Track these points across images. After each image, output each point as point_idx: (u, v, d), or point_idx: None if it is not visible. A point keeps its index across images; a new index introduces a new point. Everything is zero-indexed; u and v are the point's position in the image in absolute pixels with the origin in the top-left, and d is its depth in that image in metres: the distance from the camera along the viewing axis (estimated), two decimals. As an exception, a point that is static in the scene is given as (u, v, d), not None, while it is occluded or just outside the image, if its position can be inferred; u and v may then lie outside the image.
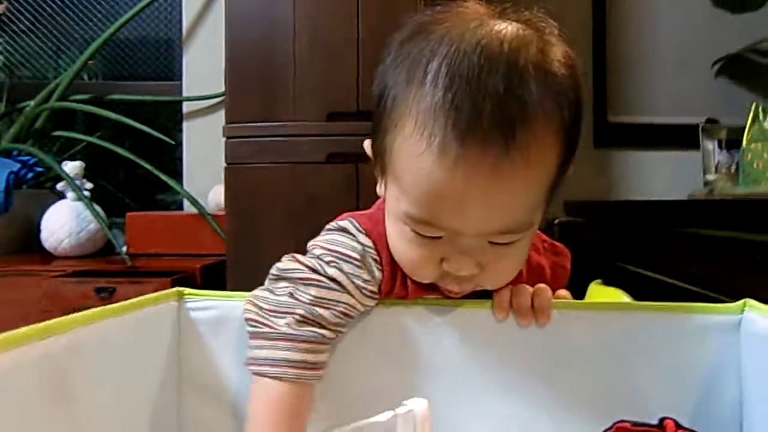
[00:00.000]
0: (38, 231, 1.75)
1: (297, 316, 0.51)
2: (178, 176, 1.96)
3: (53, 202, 1.78)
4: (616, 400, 0.54)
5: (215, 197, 1.80)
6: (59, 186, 1.75)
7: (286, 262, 0.55)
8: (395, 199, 0.50)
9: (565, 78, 0.47)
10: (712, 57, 1.98)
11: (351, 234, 0.56)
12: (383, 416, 0.39)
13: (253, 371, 0.51)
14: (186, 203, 1.89)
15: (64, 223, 1.71)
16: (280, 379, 0.50)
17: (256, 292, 0.55)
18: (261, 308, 0.53)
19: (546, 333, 0.56)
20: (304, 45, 1.50)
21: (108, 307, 0.51)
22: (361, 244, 0.55)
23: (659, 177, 1.95)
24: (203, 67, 1.91)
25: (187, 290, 0.60)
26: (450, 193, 0.46)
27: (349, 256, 0.54)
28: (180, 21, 1.95)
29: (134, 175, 2.15)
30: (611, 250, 1.38)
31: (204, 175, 1.89)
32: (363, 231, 0.56)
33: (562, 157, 0.49)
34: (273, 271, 0.55)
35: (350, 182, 1.49)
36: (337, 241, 0.56)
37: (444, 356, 0.57)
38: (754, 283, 0.56)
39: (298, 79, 1.50)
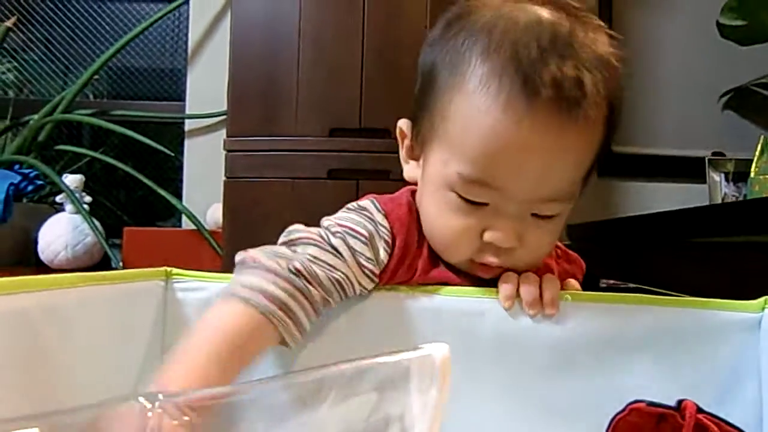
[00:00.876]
0: (36, 243, 1.73)
1: (291, 266, 0.48)
2: (178, 196, 1.95)
3: (52, 215, 1.76)
4: (627, 396, 0.50)
5: (214, 214, 1.79)
6: (58, 198, 1.74)
7: (290, 228, 0.54)
8: (443, 165, 0.51)
9: (613, 56, 0.50)
10: (719, 89, 1.98)
11: (368, 213, 0.55)
12: (392, 357, 0.34)
13: (220, 295, 0.48)
14: (184, 222, 1.87)
15: (61, 234, 1.69)
16: (247, 302, 0.45)
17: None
18: (256, 252, 0.50)
19: (553, 324, 0.53)
20: (308, 60, 1.50)
21: (91, 273, 0.50)
22: (376, 223, 0.54)
23: (664, 208, 1.92)
24: (206, 87, 1.92)
25: (176, 270, 0.58)
26: (513, 147, 0.47)
27: (358, 232, 0.53)
28: (186, 43, 1.97)
29: (135, 197, 2.15)
30: (614, 269, 1.35)
31: (203, 193, 1.87)
32: (382, 211, 0.55)
33: (606, 135, 0.51)
34: (280, 239, 0.54)
35: (351, 199, 1.46)
36: (351, 218, 0.55)
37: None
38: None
39: (300, 93, 1.50)
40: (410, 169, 0.59)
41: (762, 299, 0.52)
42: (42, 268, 1.75)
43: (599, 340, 0.53)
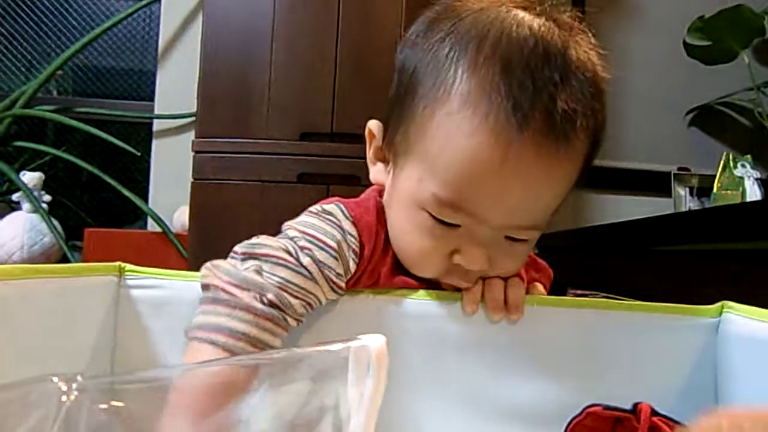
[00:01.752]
0: (-12, 241, 1.67)
1: (266, 299, 0.45)
2: (144, 198, 1.90)
3: (8, 214, 1.70)
4: (590, 400, 0.50)
5: (180, 217, 1.75)
6: (15, 197, 1.68)
7: (254, 240, 0.50)
8: (417, 182, 0.48)
9: (603, 78, 0.49)
10: (685, 106, 2.02)
11: (335, 220, 0.51)
12: (328, 347, 0.33)
13: (197, 337, 0.44)
14: (150, 224, 1.82)
15: (16, 234, 1.63)
16: (230, 352, 0.43)
17: (218, 262, 0.48)
18: (223, 279, 0.46)
19: (517, 329, 0.52)
20: (281, 63, 1.49)
21: (38, 266, 0.47)
22: (343, 231, 0.51)
23: (632, 221, 1.96)
24: (176, 87, 1.88)
25: (129, 266, 0.55)
26: (496, 176, 0.44)
27: (326, 244, 0.49)
28: (156, 42, 1.94)
29: (99, 198, 2.09)
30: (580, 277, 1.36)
31: (171, 195, 1.83)
32: (350, 218, 0.52)
33: (586, 164, 0.50)
34: (239, 248, 0.49)
35: (320, 204, 1.45)
36: (317, 225, 0.51)
37: (407, 350, 0.52)
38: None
39: (272, 97, 1.48)
40: (377, 172, 0.56)
41: (719, 304, 0.53)
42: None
43: (563, 344, 0.53)
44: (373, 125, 0.57)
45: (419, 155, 0.48)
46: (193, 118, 1.62)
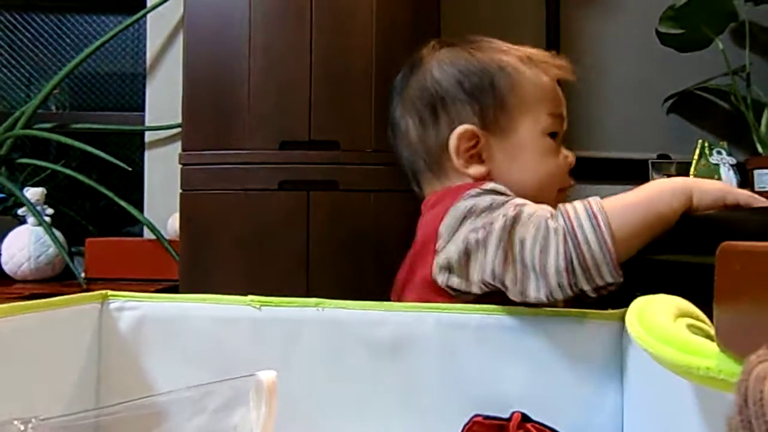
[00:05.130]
0: (-1, 256, 1.77)
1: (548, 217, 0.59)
2: (141, 204, 1.99)
3: (14, 227, 1.80)
4: (510, 405, 0.54)
5: (174, 224, 1.83)
6: (20, 211, 1.78)
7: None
8: (535, 122, 0.74)
9: None
10: (663, 94, 2.05)
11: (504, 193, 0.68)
12: (239, 380, 0.42)
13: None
14: (146, 230, 1.91)
15: (23, 246, 1.73)
16: None
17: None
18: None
19: (445, 334, 0.58)
20: (259, 75, 1.55)
21: (25, 303, 0.51)
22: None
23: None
24: (165, 98, 1.96)
25: (111, 292, 0.61)
26: (556, 90, 0.78)
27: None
28: (144, 54, 2.01)
29: (99, 206, 2.18)
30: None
31: (164, 202, 1.92)
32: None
33: None
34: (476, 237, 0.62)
35: (301, 210, 1.53)
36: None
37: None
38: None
39: (251, 108, 1.55)
40: (477, 169, 0.74)
41: (622, 310, 0.55)
42: (6, 280, 1.79)
43: (483, 349, 0.57)
44: (462, 136, 0.74)
45: (523, 108, 0.74)
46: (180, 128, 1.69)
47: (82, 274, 1.74)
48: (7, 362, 0.49)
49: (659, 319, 0.34)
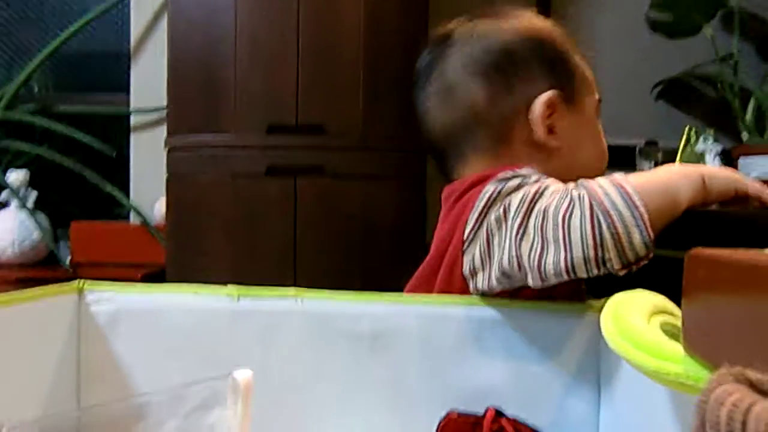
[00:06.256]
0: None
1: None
2: (127, 188, 1.98)
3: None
4: (486, 397, 0.54)
5: (160, 208, 1.82)
6: (2, 195, 1.76)
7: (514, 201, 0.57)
8: (592, 103, 0.73)
9: None
10: (652, 80, 2.05)
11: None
12: (216, 381, 0.42)
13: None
14: (133, 214, 1.90)
15: (7, 231, 1.71)
16: None
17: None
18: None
19: (424, 327, 0.58)
20: (245, 58, 1.53)
21: (2, 294, 0.51)
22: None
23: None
24: (150, 80, 1.93)
25: (88, 282, 0.60)
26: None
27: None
28: (129, 34, 1.98)
29: (85, 187, 2.16)
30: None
31: (151, 186, 1.90)
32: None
33: None
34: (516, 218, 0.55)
35: (288, 196, 1.52)
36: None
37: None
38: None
39: (238, 91, 1.53)
40: (553, 141, 0.69)
41: (601, 301, 0.53)
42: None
43: (464, 342, 0.57)
44: (548, 103, 0.68)
45: (586, 85, 0.73)
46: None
47: (69, 258, 1.73)
48: None
49: (632, 320, 0.34)
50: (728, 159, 1.79)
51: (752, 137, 1.78)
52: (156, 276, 1.62)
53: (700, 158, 1.78)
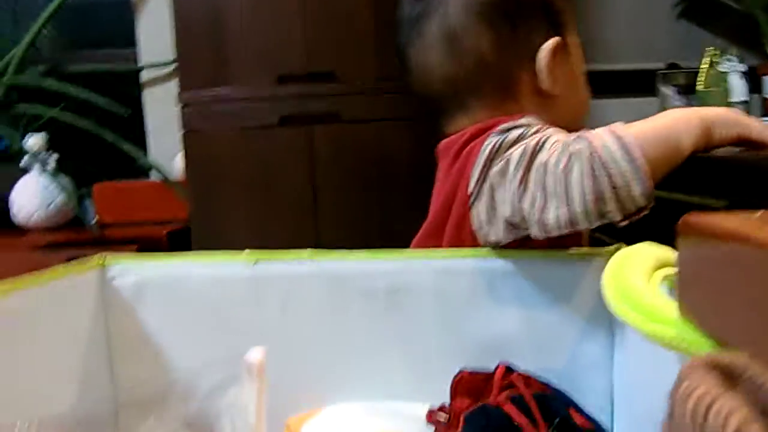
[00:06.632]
0: (7, 206, 1.79)
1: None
2: (145, 145, 1.99)
3: (22, 176, 1.81)
4: (501, 348, 0.57)
5: (180, 163, 1.83)
6: (24, 160, 1.79)
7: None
8: (578, 43, 0.69)
9: None
10: (672, -1, 1.97)
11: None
12: (217, 366, 0.44)
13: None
14: (154, 171, 1.92)
15: (32, 196, 1.75)
16: None
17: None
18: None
19: (439, 279, 0.58)
20: (250, 7, 1.51)
21: (22, 278, 0.52)
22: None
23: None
24: (158, 33, 1.91)
25: (110, 256, 0.61)
26: None
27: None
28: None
29: (104, 145, 2.18)
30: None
31: (169, 141, 1.91)
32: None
33: None
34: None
35: (304, 144, 1.52)
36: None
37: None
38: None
39: (246, 43, 1.52)
40: (555, 88, 0.67)
41: (615, 245, 0.55)
42: (17, 229, 1.82)
43: (477, 293, 0.58)
44: (554, 51, 0.66)
45: (573, 24, 0.69)
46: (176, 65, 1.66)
47: (95, 219, 1.77)
48: (14, 340, 0.50)
49: (632, 280, 0.34)
50: (754, 78, 1.73)
51: (779, 54, 1.71)
52: (181, 232, 1.66)
53: (723, 79, 1.72)
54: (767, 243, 0.23)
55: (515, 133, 0.57)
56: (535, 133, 0.56)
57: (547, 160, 0.51)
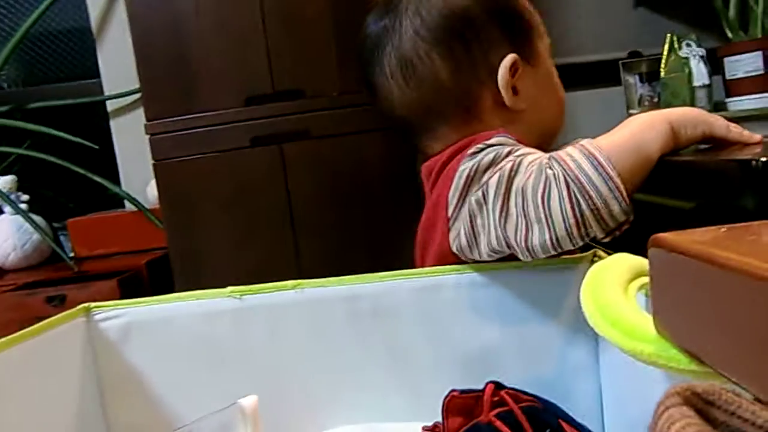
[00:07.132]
0: (-18, 248, 1.76)
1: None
2: (116, 176, 1.97)
3: (-6, 218, 1.79)
4: (489, 361, 0.58)
5: (152, 191, 1.82)
6: (-6, 202, 1.76)
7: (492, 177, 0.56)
8: (546, 48, 0.70)
9: None
10: (629, -12, 2.00)
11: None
12: (229, 408, 0.44)
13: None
14: (127, 201, 1.90)
15: (7, 237, 1.72)
16: None
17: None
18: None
19: (425, 296, 0.59)
20: (210, 31, 1.50)
21: (10, 337, 0.52)
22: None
23: (585, 116, 1.98)
24: (121, 61, 1.89)
25: (94, 304, 0.62)
26: None
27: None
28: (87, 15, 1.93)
29: (75, 178, 2.15)
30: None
31: (141, 169, 1.89)
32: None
33: None
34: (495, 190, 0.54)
35: (276, 163, 1.52)
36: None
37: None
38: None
39: (210, 67, 1.51)
40: (518, 102, 0.67)
41: (591, 252, 0.57)
42: (-4, 271, 1.80)
43: (459, 308, 0.59)
44: (512, 66, 0.66)
45: (538, 31, 0.69)
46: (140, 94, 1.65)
47: (71, 254, 1.75)
48: (6, 396, 0.50)
49: (609, 295, 0.35)
50: (714, 60, 1.77)
51: (736, 35, 1.74)
52: (160, 260, 1.64)
53: (684, 65, 1.76)
54: (730, 264, 0.24)
55: (489, 156, 0.57)
56: (507, 155, 0.56)
57: (525, 186, 0.51)
